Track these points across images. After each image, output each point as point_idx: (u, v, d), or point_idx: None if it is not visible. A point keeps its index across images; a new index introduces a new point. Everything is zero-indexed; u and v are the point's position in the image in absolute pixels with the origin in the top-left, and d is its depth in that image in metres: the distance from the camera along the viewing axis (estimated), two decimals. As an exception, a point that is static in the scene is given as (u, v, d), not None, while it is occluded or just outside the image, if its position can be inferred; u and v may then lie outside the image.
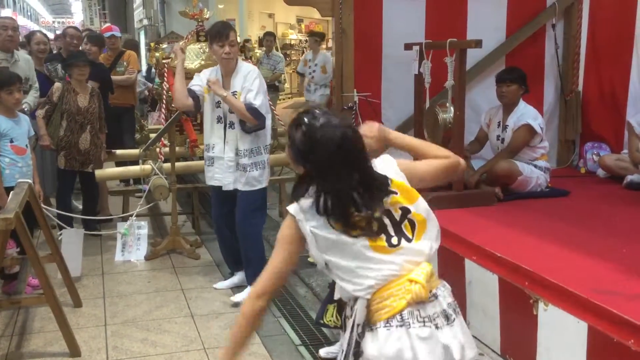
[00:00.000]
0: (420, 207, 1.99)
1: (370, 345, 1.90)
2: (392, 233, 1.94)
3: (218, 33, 4.05)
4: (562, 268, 2.96)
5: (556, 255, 3.19)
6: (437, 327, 1.90)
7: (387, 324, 1.89)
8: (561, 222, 3.84)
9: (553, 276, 2.81)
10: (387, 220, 1.94)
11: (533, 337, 2.85)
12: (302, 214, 1.94)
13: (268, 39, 9.81)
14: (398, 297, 1.89)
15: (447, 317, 1.93)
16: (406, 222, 1.96)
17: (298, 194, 1.98)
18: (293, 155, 1.99)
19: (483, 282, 3.25)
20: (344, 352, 1.98)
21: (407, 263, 1.93)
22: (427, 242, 1.97)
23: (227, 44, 4.02)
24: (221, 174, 4.21)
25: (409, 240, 1.95)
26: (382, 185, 1.96)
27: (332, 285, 3.27)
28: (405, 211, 1.97)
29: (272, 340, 3.73)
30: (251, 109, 4.00)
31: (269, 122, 4.21)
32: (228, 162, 4.16)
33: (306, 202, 1.94)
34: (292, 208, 1.97)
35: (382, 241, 1.92)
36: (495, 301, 3.15)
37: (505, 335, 3.13)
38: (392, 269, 1.91)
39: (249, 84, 4.08)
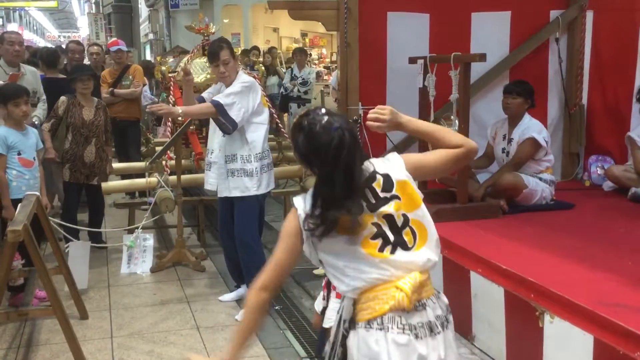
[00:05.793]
0: (420, 214, 1.98)
1: (352, 343, 1.96)
2: (391, 239, 1.94)
3: (210, 54, 4.15)
4: (568, 280, 2.97)
5: (562, 267, 3.20)
6: (417, 337, 1.90)
7: (368, 325, 1.92)
8: (566, 234, 3.85)
9: (559, 289, 2.82)
10: (386, 227, 1.94)
11: (539, 349, 2.85)
12: (303, 210, 1.97)
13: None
14: (382, 301, 1.91)
15: (431, 329, 1.93)
16: (407, 229, 1.96)
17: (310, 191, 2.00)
18: (298, 158, 2.03)
19: (489, 295, 3.25)
20: (331, 346, 2.06)
21: (398, 270, 1.92)
22: (425, 252, 1.96)
23: (220, 64, 4.09)
24: (215, 179, 4.34)
25: (407, 248, 1.94)
26: (375, 189, 1.95)
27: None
28: (406, 218, 1.96)
29: (278, 352, 3.74)
30: (215, 103, 4.00)
31: (262, 132, 4.22)
32: (220, 168, 4.28)
33: (309, 198, 1.97)
34: (297, 201, 2.01)
35: (375, 245, 1.93)
36: (501, 313, 3.16)
37: (511, 348, 3.13)
38: (382, 273, 1.92)
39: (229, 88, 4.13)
